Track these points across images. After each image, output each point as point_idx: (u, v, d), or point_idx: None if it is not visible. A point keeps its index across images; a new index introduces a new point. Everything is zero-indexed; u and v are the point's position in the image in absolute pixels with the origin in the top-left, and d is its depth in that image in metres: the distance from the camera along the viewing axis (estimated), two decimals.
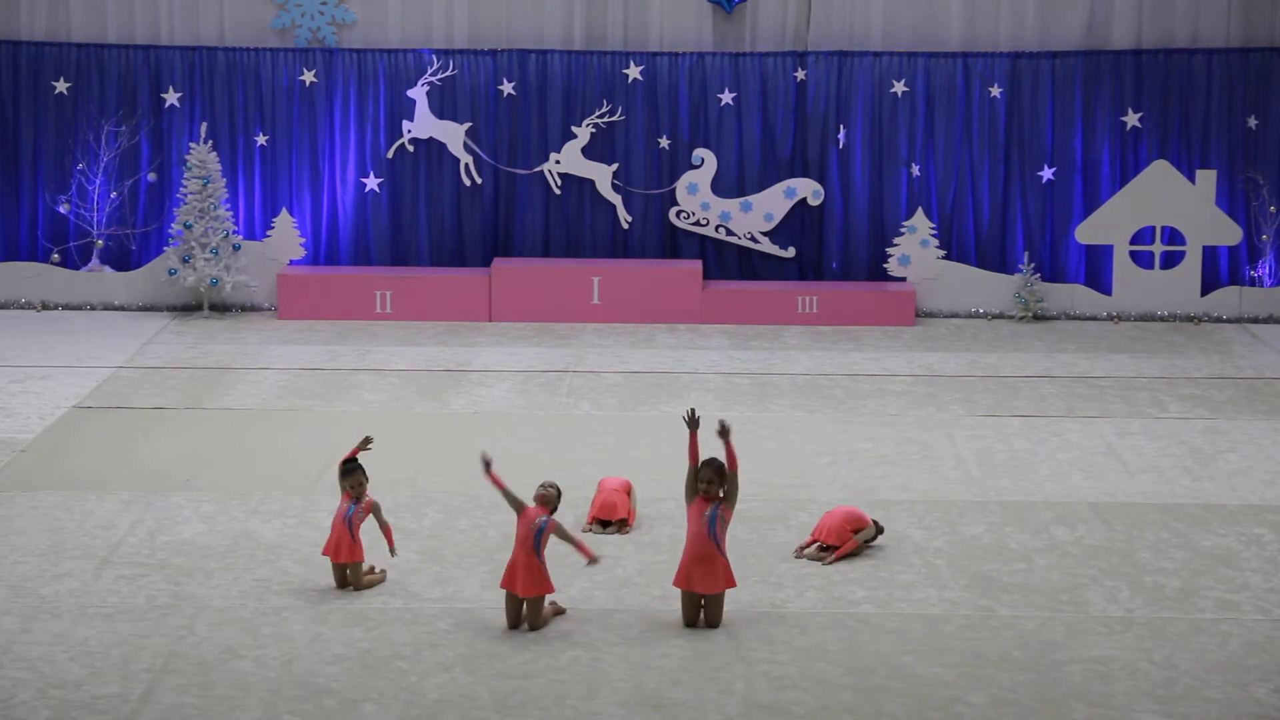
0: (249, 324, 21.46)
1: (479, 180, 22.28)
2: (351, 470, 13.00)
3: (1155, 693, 11.35)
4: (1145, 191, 21.89)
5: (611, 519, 14.15)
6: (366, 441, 13.15)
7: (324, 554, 13.02)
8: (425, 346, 20.37)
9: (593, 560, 12.36)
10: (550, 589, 12.28)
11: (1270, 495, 15.32)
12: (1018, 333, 21.35)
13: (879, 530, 13.78)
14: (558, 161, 22.24)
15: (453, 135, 22.17)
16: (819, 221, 22.39)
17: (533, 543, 12.22)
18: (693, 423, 12.32)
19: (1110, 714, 11.06)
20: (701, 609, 12.33)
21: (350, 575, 12.95)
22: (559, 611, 12.47)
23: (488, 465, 12.20)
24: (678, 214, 22.29)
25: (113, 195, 22.15)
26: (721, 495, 12.26)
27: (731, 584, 12.37)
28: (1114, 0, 22.25)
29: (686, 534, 12.38)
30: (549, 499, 12.38)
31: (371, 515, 12.98)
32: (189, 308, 21.98)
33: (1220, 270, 22.36)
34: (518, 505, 12.30)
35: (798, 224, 22.37)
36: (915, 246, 22.11)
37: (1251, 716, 11.08)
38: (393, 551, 13.03)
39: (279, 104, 22.21)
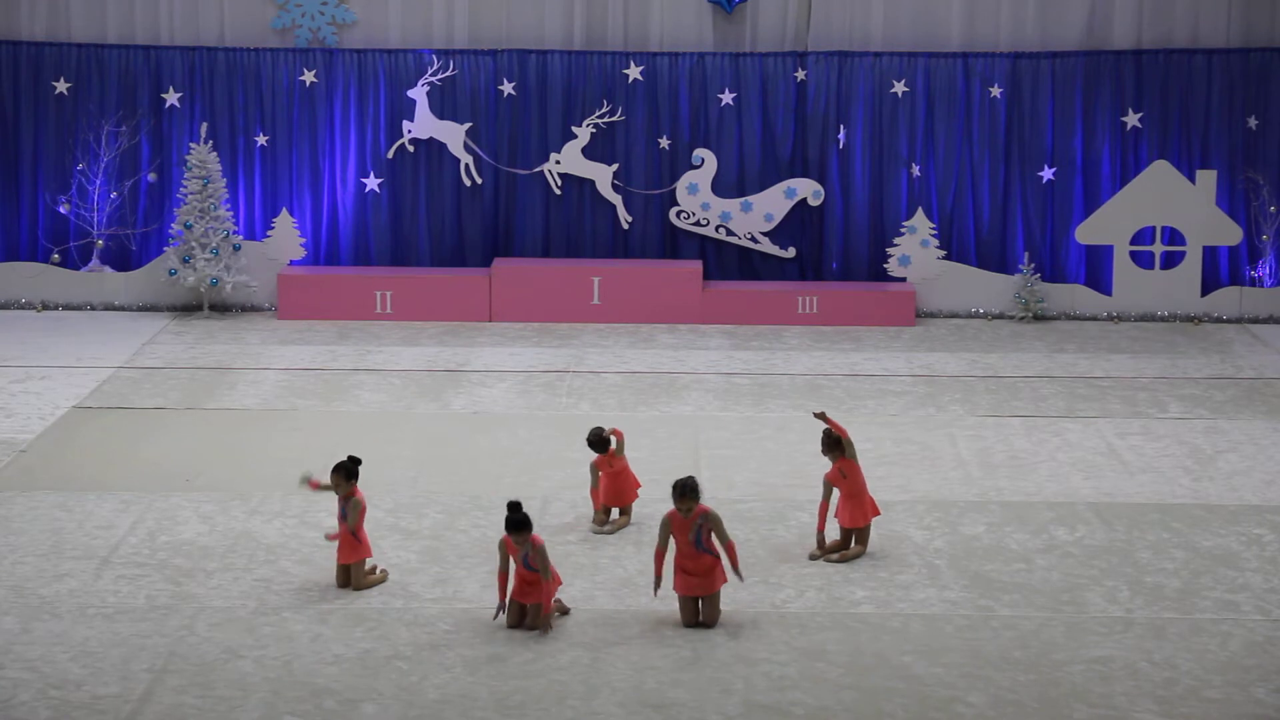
0: (249, 324, 21.46)
1: (479, 180, 22.28)
2: (335, 470, 13.01)
3: (1155, 693, 11.35)
4: (1145, 191, 21.88)
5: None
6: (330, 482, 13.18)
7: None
8: (425, 346, 20.37)
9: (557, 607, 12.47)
10: (540, 598, 12.31)
11: (1270, 495, 15.32)
12: (1018, 333, 21.35)
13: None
14: (558, 161, 22.24)
15: (453, 135, 22.17)
16: (819, 221, 22.39)
17: (523, 565, 12.28)
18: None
19: (1110, 714, 11.06)
20: (699, 609, 12.35)
21: (353, 574, 12.93)
22: (564, 611, 12.48)
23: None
24: (678, 214, 22.29)
25: (113, 195, 22.15)
26: (702, 512, 12.32)
27: (724, 580, 12.39)
28: (1114, 0, 22.26)
29: (676, 548, 12.43)
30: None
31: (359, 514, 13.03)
32: (189, 308, 21.98)
33: (1220, 270, 22.36)
34: (504, 556, 12.36)
35: (798, 224, 22.37)
36: (915, 246, 22.11)
37: (1251, 716, 11.08)
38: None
39: (279, 104, 22.21)
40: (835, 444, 13.68)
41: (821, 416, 13.79)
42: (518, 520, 12.25)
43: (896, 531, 14.24)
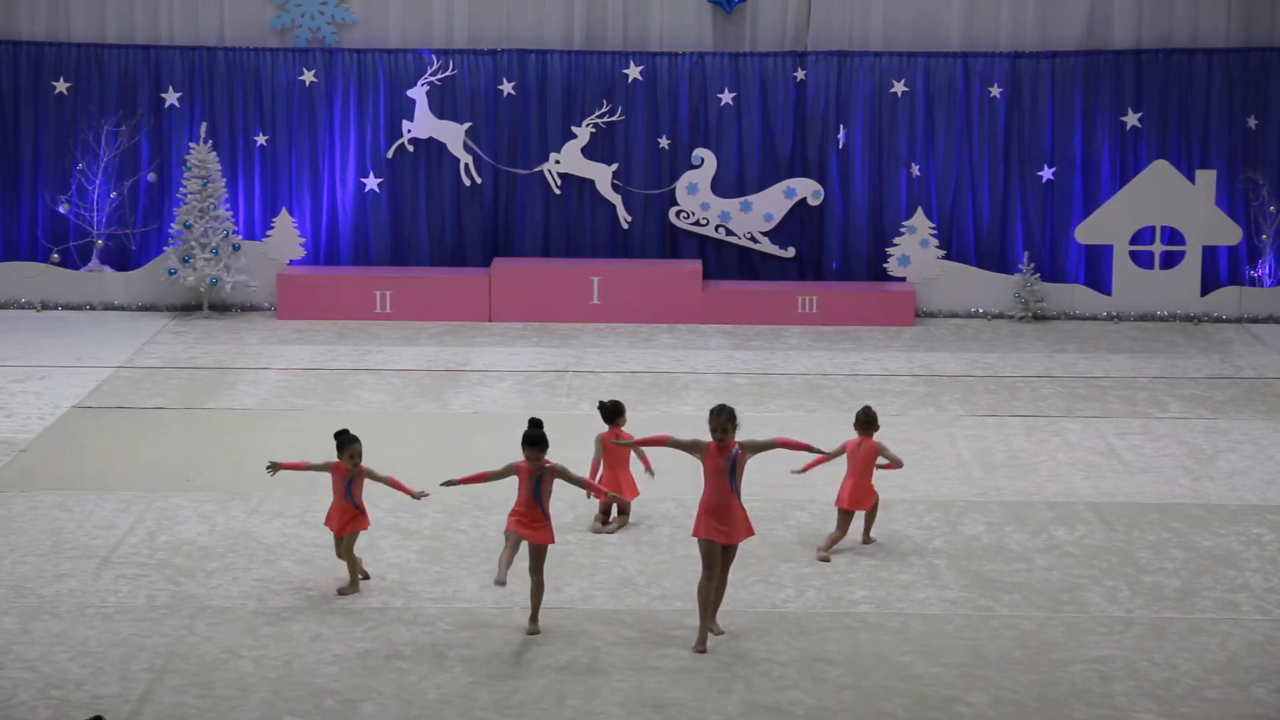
0: (249, 324, 21.46)
1: (479, 180, 22.28)
2: (350, 440, 12.92)
3: (1155, 693, 11.35)
4: (1145, 191, 21.88)
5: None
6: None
7: (326, 524, 12.97)
8: (425, 346, 20.37)
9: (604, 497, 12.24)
10: (550, 539, 12.15)
11: (1270, 495, 15.33)
12: (1018, 333, 21.35)
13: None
14: (558, 161, 22.24)
15: (453, 135, 22.17)
16: (819, 221, 22.39)
17: (532, 494, 12.15)
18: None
19: (1110, 714, 11.06)
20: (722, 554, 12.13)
21: (345, 543, 12.86)
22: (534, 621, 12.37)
23: (448, 483, 12.31)
24: (678, 214, 22.29)
25: (113, 195, 22.15)
26: (738, 442, 11.95)
27: (750, 533, 12.13)
28: (1114, 0, 22.26)
29: (705, 484, 12.05)
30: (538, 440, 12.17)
31: (368, 480, 12.91)
32: (189, 308, 21.98)
33: (1220, 270, 22.36)
34: (509, 472, 12.24)
35: (798, 224, 22.37)
36: (915, 246, 22.11)
37: (1251, 716, 11.08)
38: (416, 494, 12.87)
39: (279, 104, 22.21)
40: (871, 423, 13.81)
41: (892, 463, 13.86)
42: (535, 436, 12.11)
43: (896, 531, 14.25)
